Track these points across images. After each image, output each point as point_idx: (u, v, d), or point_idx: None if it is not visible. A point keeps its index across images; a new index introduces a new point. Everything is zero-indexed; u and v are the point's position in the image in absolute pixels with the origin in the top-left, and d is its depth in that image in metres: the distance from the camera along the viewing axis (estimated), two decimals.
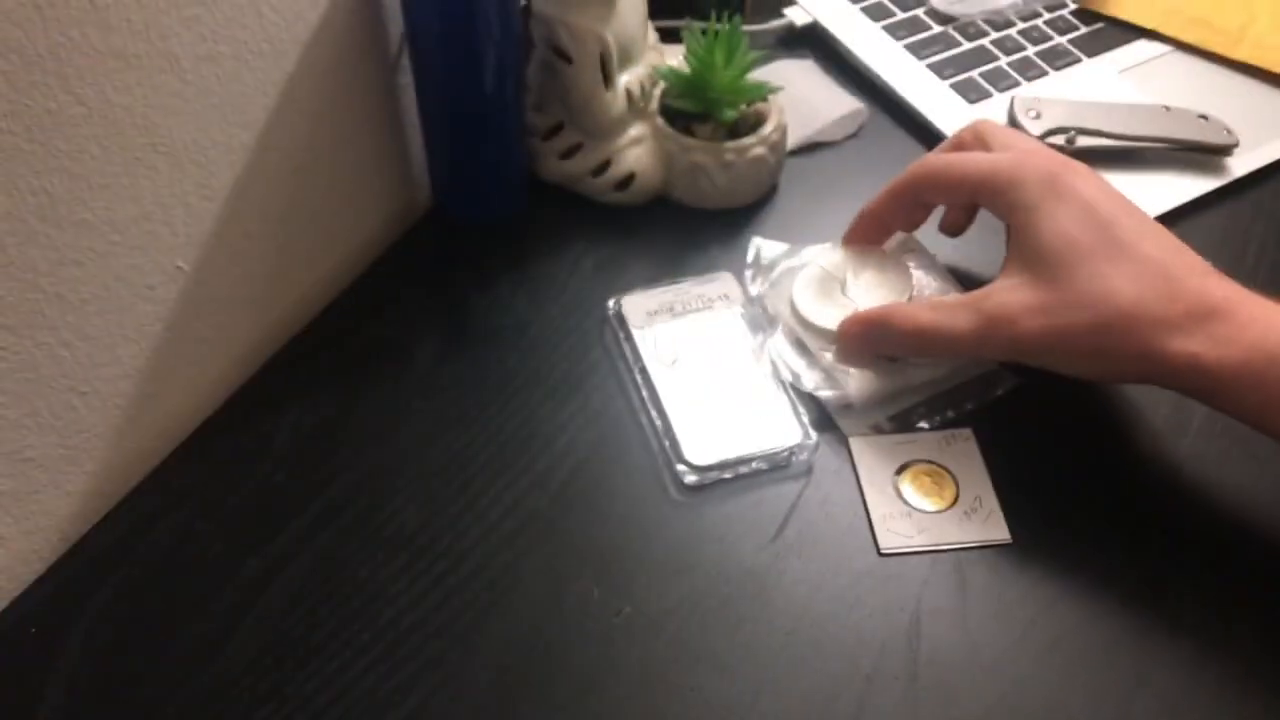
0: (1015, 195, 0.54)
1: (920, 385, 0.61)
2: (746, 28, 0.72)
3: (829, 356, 0.61)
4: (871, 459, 0.59)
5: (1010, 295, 0.53)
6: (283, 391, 0.62)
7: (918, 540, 0.55)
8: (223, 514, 0.56)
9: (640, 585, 0.54)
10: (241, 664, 0.50)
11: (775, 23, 0.87)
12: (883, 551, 0.55)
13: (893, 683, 0.50)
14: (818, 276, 0.64)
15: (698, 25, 0.70)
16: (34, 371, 0.50)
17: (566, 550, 0.55)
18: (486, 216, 0.72)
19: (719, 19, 0.69)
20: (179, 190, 0.54)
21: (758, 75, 0.73)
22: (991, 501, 0.56)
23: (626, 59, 0.70)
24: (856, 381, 0.59)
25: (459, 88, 0.64)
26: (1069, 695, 0.50)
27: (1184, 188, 0.74)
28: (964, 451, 0.59)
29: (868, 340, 0.59)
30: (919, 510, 0.56)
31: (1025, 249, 0.54)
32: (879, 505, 0.57)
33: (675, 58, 0.72)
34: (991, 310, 0.53)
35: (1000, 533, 0.55)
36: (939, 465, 0.58)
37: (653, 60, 0.73)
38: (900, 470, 0.58)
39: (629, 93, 0.70)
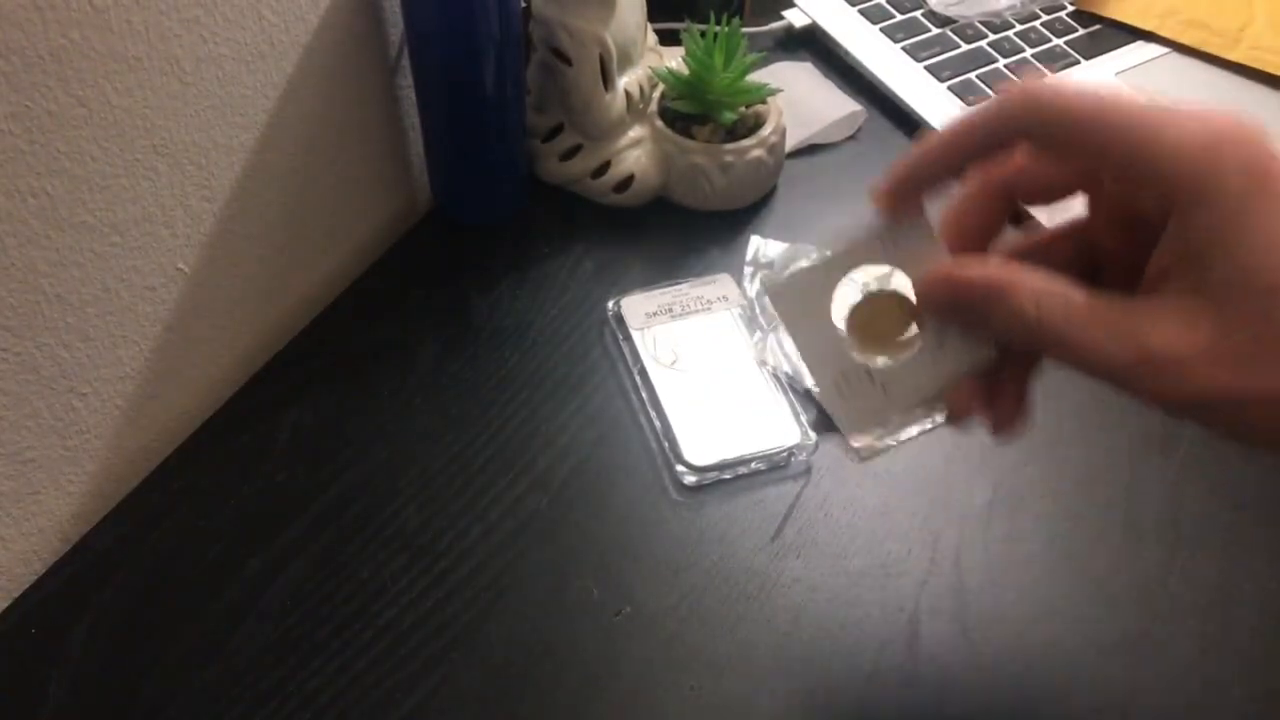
0: (1206, 185, 0.36)
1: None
2: (745, 30, 0.72)
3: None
4: (805, 314, 0.42)
5: (1183, 330, 0.35)
6: (284, 392, 0.62)
7: (891, 413, 0.42)
8: (224, 514, 0.56)
9: (640, 585, 0.54)
10: (243, 663, 0.51)
11: (774, 25, 0.87)
12: (861, 454, 0.47)
13: (891, 682, 0.50)
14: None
15: (697, 27, 0.70)
16: (34, 373, 0.50)
17: (566, 550, 0.55)
18: (487, 218, 0.72)
19: (718, 21, 0.70)
20: (179, 192, 0.54)
21: (756, 77, 0.73)
22: None
23: (626, 61, 0.70)
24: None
25: (459, 89, 0.64)
26: (1068, 693, 0.50)
27: None
28: (916, 240, 0.40)
29: (966, 306, 0.39)
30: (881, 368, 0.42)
31: (1214, 267, 0.36)
32: (826, 371, 0.42)
33: (674, 60, 0.72)
34: (1157, 347, 0.35)
35: (982, 348, 0.41)
36: (889, 292, 0.42)
37: (652, 62, 0.73)
38: (850, 320, 0.42)
39: (628, 95, 0.70)
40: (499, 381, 0.63)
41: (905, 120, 0.81)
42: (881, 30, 0.86)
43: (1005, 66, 0.83)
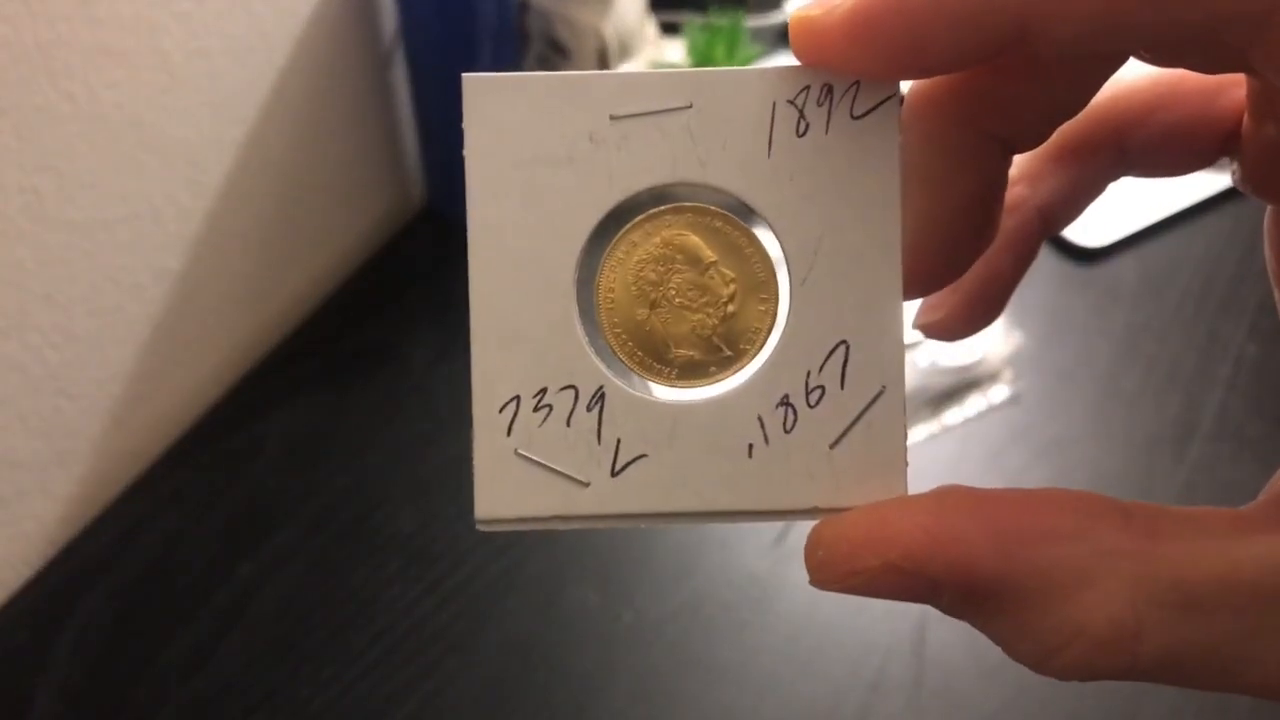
0: None
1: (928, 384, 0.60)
2: (747, 23, 0.71)
3: None
4: (514, 194, 0.19)
5: None
6: (274, 393, 0.61)
7: (587, 505, 0.19)
8: (213, 518, 0.55)
9: (641, 591, 0.53)
10: (233, 670, 0.50)
11: (776, 17, 0.86)
12: (479, 522, 0.19)
13: (897, 689, 0.49)
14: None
15: (698, 19, 0.69)
16: (21, 373, 0.49)
17: (565, 555, 0.54)
18: None
19: (719, 13, 0.69)
20: (169, 188, 0.53)
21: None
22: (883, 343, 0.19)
23: (625, 53, 0.69)
24: None
25: (453, 83, 0.63)
26: (1075, 699, 0.49)
27: (1192, 188, 0.73)
28: (859, 147, 0.18)
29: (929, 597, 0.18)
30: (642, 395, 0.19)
31: None
32: (502, 358, 0.19)
33: (675, 52, 0.71)
34: None
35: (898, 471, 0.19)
36: (723, 219, 0.19)
37: (652, 55, 0.72)
38: (609, 266, 0.19)
39: None
40: None
41: None
42: None
43: None
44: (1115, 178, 0.24)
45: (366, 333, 0.64)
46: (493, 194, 0.19)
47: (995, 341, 0.61)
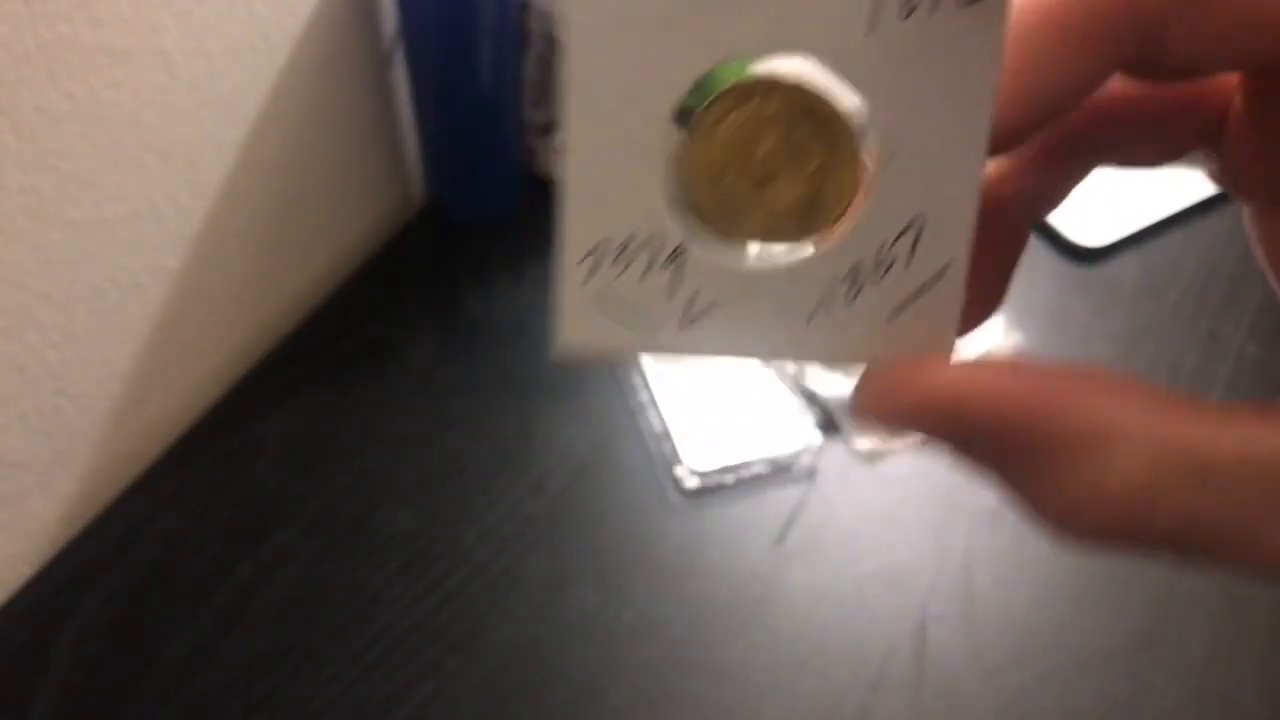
0: None
1: None
2: None
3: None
4: (617, 63, 0.19)
5: None
6: (274, 392, 0.61)
7: (664, 333, 0.20)
8: (213, 518, 0.55)
9: (640, 591, 0.53)
10: (233, 670, 0.50)
11: None
12: (562, 344, 0.20)
13: (897, 689, 0.49)
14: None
15: None
16: (21, 373, 0.49)
17: (565, 554, 0.54)
18: (482, 214, 0.71)
19: None
20: (169, 188, 0.53)
21: (760, 69, 0.72)
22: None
23: None
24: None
25: (454, 83, 0.63)
26: (1075, 699, 0.49)
27: (1192, 188, 0.73)
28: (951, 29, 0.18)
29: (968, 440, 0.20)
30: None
31: None
32: (596, 209, 0.20)
33: None
34: None
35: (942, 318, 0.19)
36: (814, 97, 0.20)
37: None
38: (698, 128, 0.20)
39: None
40: (494, 382, 0.62)
41: None
42: None
43: None
44: (1094, 168, 0.24)
45: (366, 333, 0.64)
46: (591, 49, 0.19)
47: (995, 341, 0.61)
